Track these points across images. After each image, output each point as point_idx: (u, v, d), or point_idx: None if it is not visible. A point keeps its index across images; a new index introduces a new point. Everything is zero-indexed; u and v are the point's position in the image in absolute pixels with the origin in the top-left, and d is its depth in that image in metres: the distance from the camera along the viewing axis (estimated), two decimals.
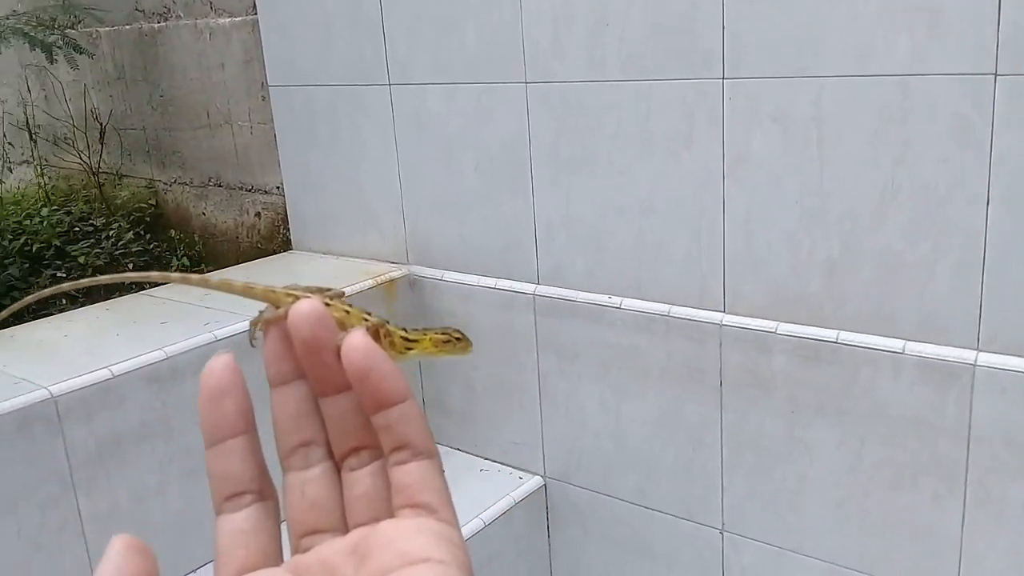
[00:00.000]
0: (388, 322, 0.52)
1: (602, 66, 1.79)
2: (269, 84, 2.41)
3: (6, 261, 2.60)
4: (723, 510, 1.87)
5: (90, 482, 1.57)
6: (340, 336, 0.39)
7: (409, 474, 0.39)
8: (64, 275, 2.71)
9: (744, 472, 1.81)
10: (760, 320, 1.71)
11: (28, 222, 2.81)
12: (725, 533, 1.88)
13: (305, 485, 0.40)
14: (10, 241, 2.71)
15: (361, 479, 0.40)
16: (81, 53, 2.66)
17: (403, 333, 0.53)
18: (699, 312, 1.79)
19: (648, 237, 1.83)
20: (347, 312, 0.50)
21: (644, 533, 2.01)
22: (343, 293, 0.52)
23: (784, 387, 1.71)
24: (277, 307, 0.48)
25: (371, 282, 2.16)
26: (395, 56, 2.11)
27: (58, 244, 2.78)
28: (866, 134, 1.52)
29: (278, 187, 2.57)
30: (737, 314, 1.75)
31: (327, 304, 0.48)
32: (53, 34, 2.64)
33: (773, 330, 1.70)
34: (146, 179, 3.03)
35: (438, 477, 0.39)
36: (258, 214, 2.68)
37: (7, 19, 2.70)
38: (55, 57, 2.59)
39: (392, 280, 2.21)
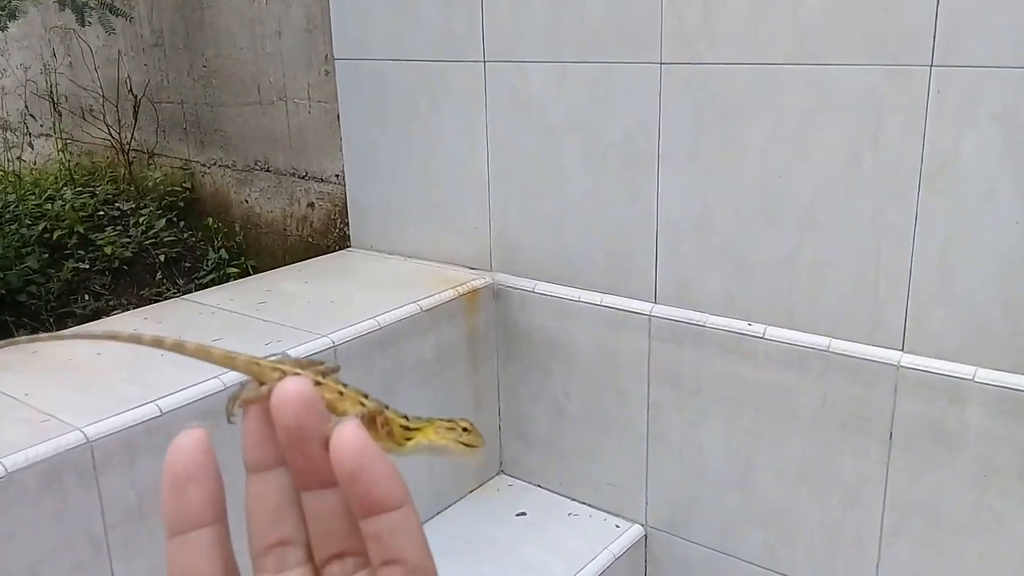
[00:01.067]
0: (387, 407, 0.47)
1: (764, 46, 1.47)
2: (335, 57, 2.09)
3: (23, 250, 2.29)
4: None
5: (128, 543, 1.27)
6: (331, 424, 0.34)
7: None
8: (87, 266, 2.41)
9: (910, 541, 1.50)
10: (952, 364, 1.40)
11: (49, 205, 2.50)
12: None
13: None
14: (28, 227, 2.40)
15: None
16: (117, 15, 2.34)
17: (403, 421, 0.48)
18: (869, 349, 1.48)
19: (806, 255, 1.52)
20: (340, 393, 0.45)
21: None
22: (337, 368, 0.47)
23: (977, 445, 1.40)
24: (261, 382, 0.43)
25: (451, 292, 1.85)
26: (493, 28, 1.79)
27: (81, 231, 2.47)
28: None
29: (337, 175, 2.26)
30: (921, 355, 1.43)
31: (318, 383, 0.44)
32: None
33: (970, 376, 1.38)
34: (181, 159, 2.72)
35: None
36: (311, 204, 2.37)
37: None
38: (88, 19, 2.28)
39: (475, 290, 1.89)
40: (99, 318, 2.30)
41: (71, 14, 2.31)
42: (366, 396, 0.47)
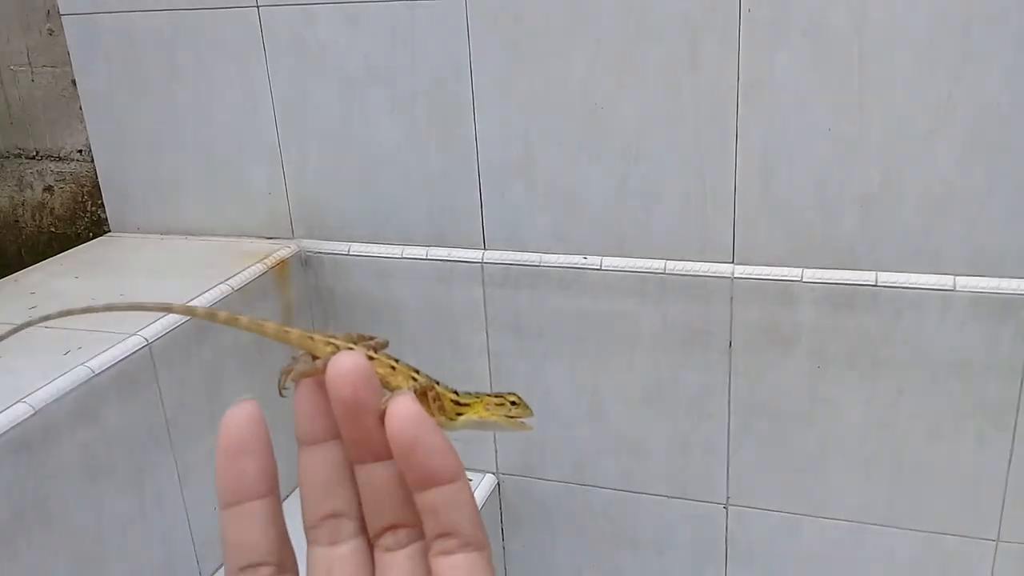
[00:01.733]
0: (438, 383, 0.48)
1: None
2: (61, 12, 1.78)
3: None
4: (728, 482, 1.66)
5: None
6: (384, 398, 0.35)
7: (455, 568, 0.34)
8: None
9: (756, 439, 1.61)
10: (781, 268, 1.50)
11: None
12: (730, 507, 1.68)
13: (332, 564, 0.36)
14: None
15: (397, 563, 0.36)
16: None
17: (454, 396, 0.49)
18: (703, 266, 1.54)
19: (635, 183, 1.53)
20: (392, 368, 0.46)
21: (629, 520, 1.76)
22: (386, 343, 0.48)
23: (809, 341, 1.52)
24: (314, 356, 0.45)
25: (259, 267, 1.67)
26: None
27: None
28: (919, 48, 1.32)
29: (80, 151, 1.94)
30: (752, 264, 1.51)
31: (370, 357, 0.45)
32: None
33: (798, 278, 1.49)
34: None
35: (487, 574, 0.35)
36: (48, 188, 2.02)
37: None
38: None
39: (283, 260, 1.73)
40: None
41: None
42: (417, 371, 0.48)
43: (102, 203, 1.93)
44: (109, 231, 1.94)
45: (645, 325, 1.60)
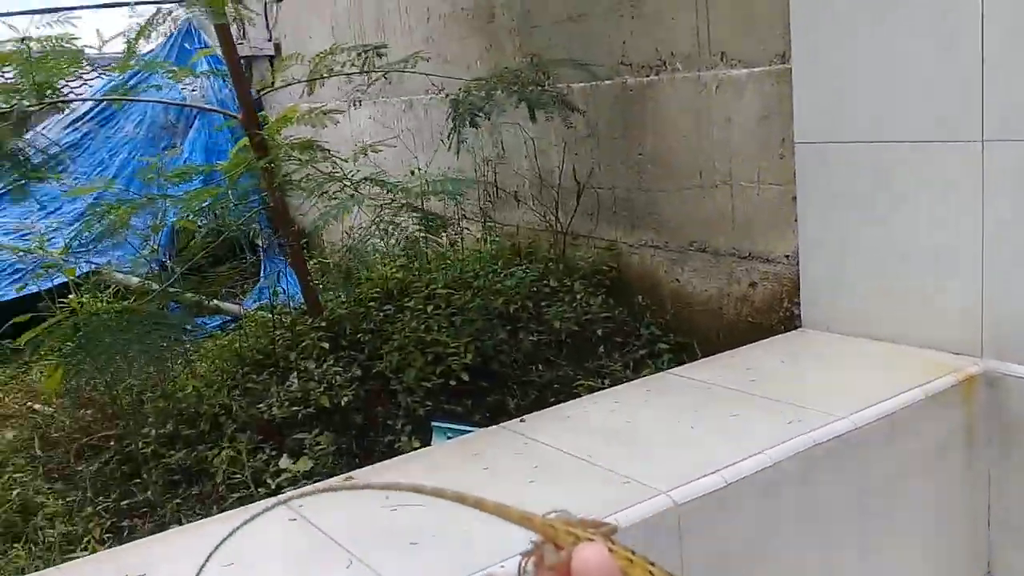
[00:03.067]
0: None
1: None
2: (796, 141, 2.14)
3: (494, 321, 2.55)
4: None
5: None
6: None
7: None
8: (534, 338, 2.62)
9: None
10: None
11: (502, 282, 2.77)
12: None
13: None
14: (490, 299, 2.66)
15: None
16: (573, 111, 2.57)
17: None
18: None
19: None
20: (630, 560, 0.45)
21: None
22: (616, 529, 0.47)
23: None
24: (556, 544, 0.44)
25: (949, 379, 1.77)
26: (995, 106, 1.73)
27: (530, 305, 2.70)
28: None
29: (787, 255, 2.28)
30: None
31: (610, 550, 0.45)
32: (542, 91, 2.58)
33: None
34: (608, 241, 2.90)
35: None
36: (752, 284, 2.41)
37: (491, 79, 2.69)
38: (550, 114, 2.53)
39: (971, 377, 1.80)
40: (557, 386, 2.49)
41: (529, 110, 2.56)
42: (653, 564, 0.47)
43: (798, 301, 2.23)
44: (800, 326, 2.23)
45: None
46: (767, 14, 2.21)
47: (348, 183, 2.50)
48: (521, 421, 1.65)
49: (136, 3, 3.24)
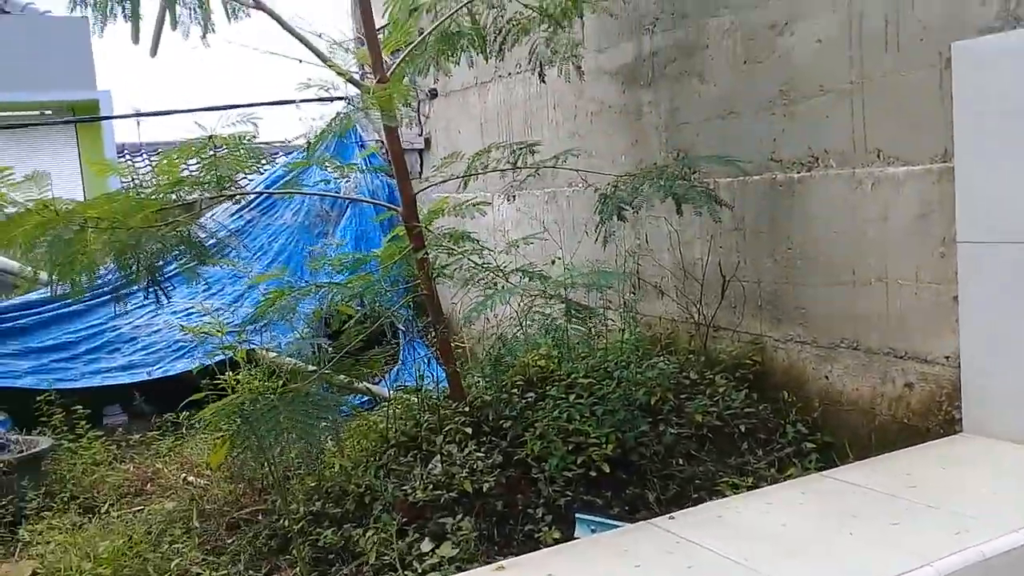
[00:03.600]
0: None
1: None
2: (958, 240, 2.08)
3: (635, 413, 2.54)
4: None
5: None
6: None
7: None
8: (675, 431, 2.59)
9: None
10: None
11: (643, 373, 2.76)
12: None
13: None
14: (626, 389, 2.66)
15: None
16: (722, 205, 2.59)
17: None
18: None
19: None
20: None
21: None
22: None
23: None
24: None
25: None
26: None
27: (671, 398, 2.68)
28: None
29: (947, 356, 2.19)
30: None
31: None
32: (691, 186, 2.61)
33: None
34: (752, 334, 2.86)
35: None
36: (909, 384, 2.32)
37: (639, 174, 2.75)
38: (699, 209, 2.55)
39: None
40: (699, 481, 2.44)
41: (676, 204, 2.59)
42: None
43: (958, 404, 2.13)
44: (960, 431, 2.13)
45: None
46: (926, 113, 2.18)
47: (501, 274, 2.58)
48: (671, 518, 1.64)
49: (305, 100, 3.50)
